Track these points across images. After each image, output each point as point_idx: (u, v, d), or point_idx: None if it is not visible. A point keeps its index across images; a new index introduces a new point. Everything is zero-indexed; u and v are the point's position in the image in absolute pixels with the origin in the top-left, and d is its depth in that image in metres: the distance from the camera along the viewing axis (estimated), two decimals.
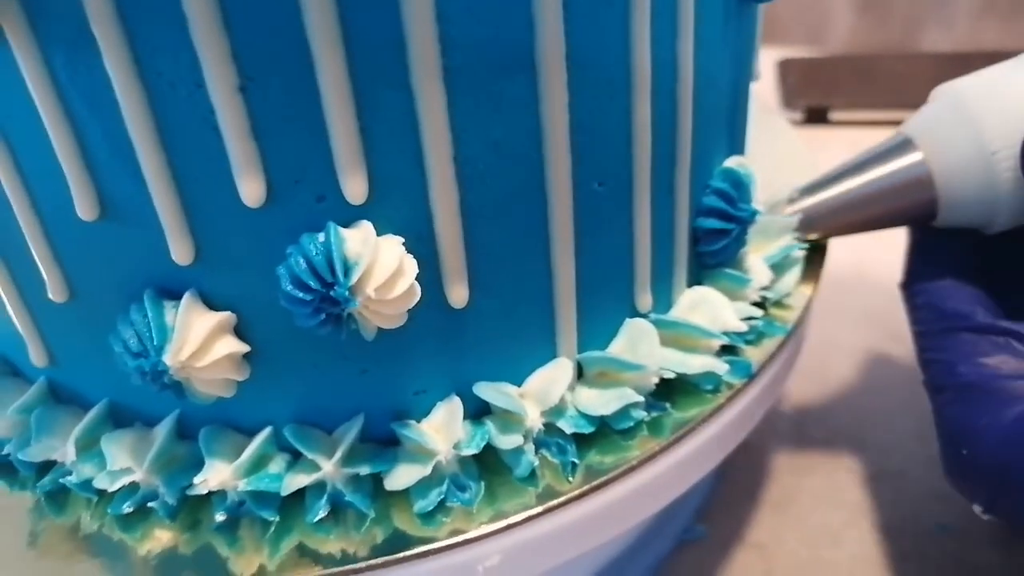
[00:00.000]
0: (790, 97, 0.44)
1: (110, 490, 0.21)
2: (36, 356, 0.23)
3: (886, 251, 0.30)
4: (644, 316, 0.24)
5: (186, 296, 0.19)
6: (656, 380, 0.23)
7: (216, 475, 0.21)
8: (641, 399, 0.22)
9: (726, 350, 0.25)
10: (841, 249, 0.30)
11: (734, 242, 0.25)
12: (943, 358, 0.24)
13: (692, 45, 0.21)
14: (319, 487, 0.21)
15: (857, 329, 0.38)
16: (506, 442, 0.22)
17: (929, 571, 0.28)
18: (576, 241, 0.21)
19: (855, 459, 0.33)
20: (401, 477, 0.21)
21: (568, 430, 0.22)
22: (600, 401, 0.23)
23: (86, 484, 0.22)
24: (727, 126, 0.25)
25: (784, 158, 0.33)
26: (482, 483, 0.22)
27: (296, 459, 0.22)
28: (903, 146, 0.26)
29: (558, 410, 0.22)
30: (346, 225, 0.19)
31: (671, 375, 0.23)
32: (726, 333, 0.24)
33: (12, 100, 0.18)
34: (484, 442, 0.22)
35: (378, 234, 0.19)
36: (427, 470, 0.21)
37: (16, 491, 0.23)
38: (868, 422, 0.34)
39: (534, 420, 0.22)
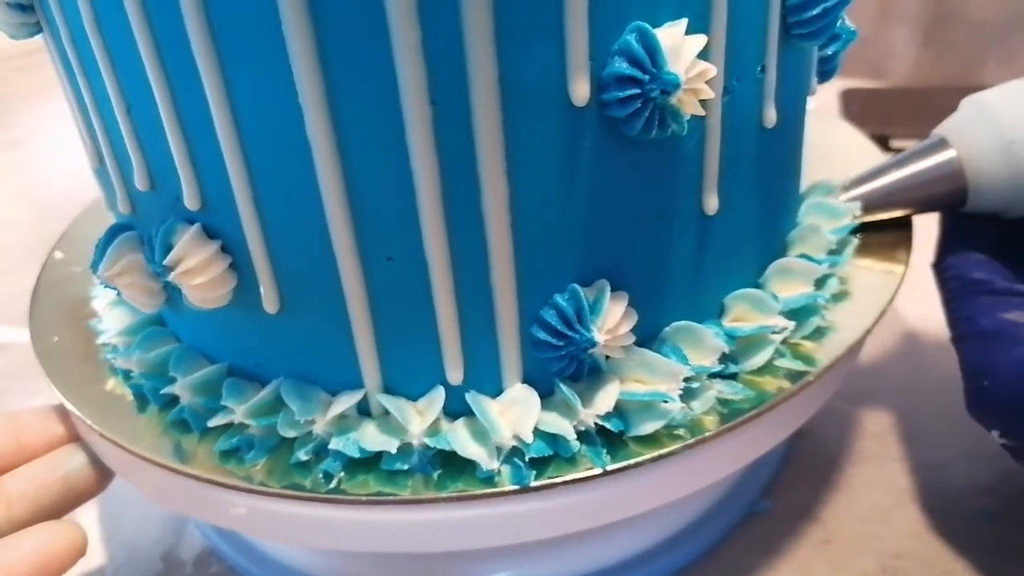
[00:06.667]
0: (852, 125, 0.42)
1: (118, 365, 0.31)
2: None
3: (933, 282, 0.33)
4: (456, 388, 0.26)
5: (122, 236, 0.28)
6: (418, 444, 0.25)
7: (126, 363, 0.29)
8: (394, 452, 0.25)
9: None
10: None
11: (569, 361, 0.25)
12: (968, 315, 0.30)
13: (501, 160, 0.22)
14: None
15: (909, 340, 0.43)
16: (285, 432, 0.26)
17: (970, 548, 0.32)
18: (371, 300, 0.24)
19: (905, 451, 0.37)
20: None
21: (334, 447, 0.26)
22: (371, 440, 0.26)
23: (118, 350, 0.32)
24: (580, 250, 0.24)
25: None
26: (268, 452, 0.27)
27: None
28: (939, 145, 0.32)
29: (342, 429, 0.26)
30: (191, 223, 0.25)
31: (445, 448, 0.25)
32: (518, 438, 0.25)
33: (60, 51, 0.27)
34: (268, 423, 0.26)
35: (209, 237, 0.25)
36: (224, 420, 0.27)
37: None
38: (917, 420, 0.39)
39: (319, 428, 0.26)
